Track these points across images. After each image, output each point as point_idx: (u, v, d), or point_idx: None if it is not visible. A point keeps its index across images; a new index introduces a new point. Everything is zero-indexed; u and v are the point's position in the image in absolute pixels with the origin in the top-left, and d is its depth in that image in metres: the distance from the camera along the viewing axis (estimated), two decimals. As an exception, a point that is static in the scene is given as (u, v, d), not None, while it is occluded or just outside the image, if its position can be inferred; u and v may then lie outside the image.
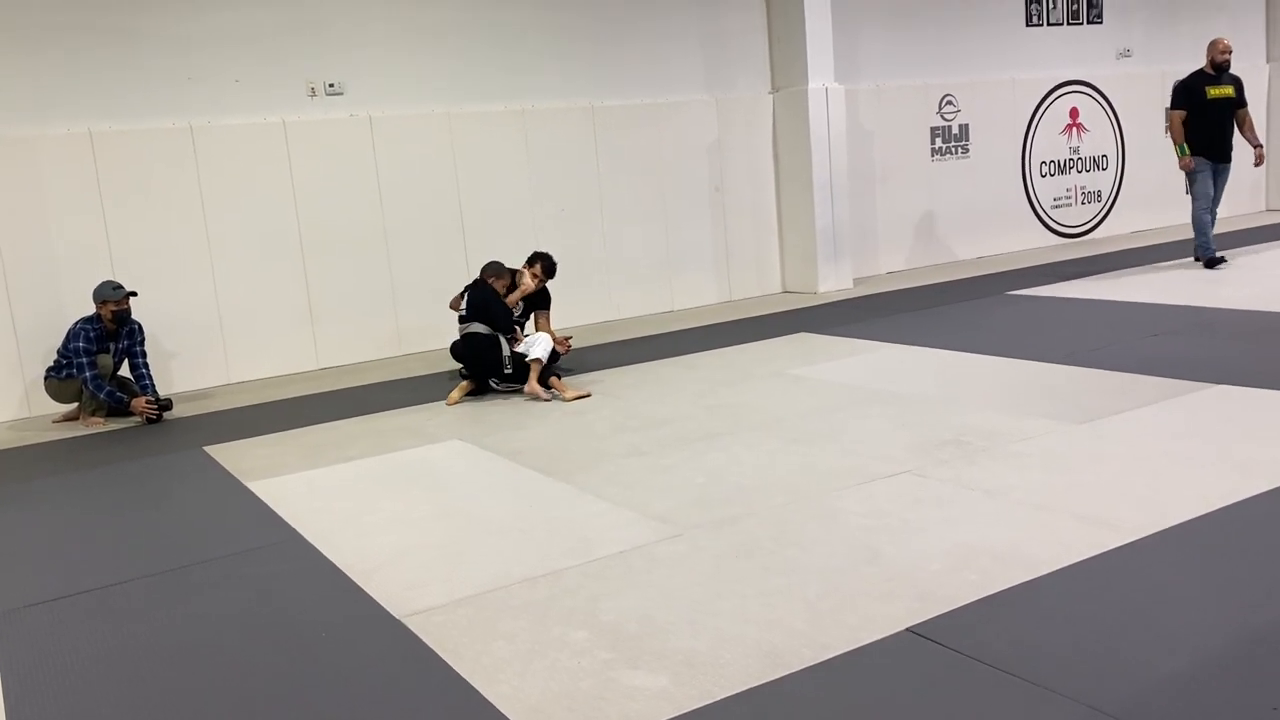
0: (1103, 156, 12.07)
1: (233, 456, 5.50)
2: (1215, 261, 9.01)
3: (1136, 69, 12.18)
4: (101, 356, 6.47)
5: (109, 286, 6.50)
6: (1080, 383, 5.58)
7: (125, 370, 6.73)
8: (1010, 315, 7.79)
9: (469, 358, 6.56)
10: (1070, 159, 11.77)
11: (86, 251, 7.03)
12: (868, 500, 4.03)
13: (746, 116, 9.58)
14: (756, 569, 3.46)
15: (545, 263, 6.94)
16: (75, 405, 6.65)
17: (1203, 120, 9.07)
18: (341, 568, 3.78)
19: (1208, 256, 9.08)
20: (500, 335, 6.49)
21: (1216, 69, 9.14)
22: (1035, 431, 4.75)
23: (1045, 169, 11.58)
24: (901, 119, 10.43)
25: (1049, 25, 11.50)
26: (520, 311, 6.86)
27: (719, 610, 3.17)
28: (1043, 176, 11.58)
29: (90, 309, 6.54)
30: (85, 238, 7.03)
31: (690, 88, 9.34)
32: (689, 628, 3.07)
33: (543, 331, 6.82)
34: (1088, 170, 11.95)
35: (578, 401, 6.10)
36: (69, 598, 3.72)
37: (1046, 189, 11.64)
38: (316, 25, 7.70)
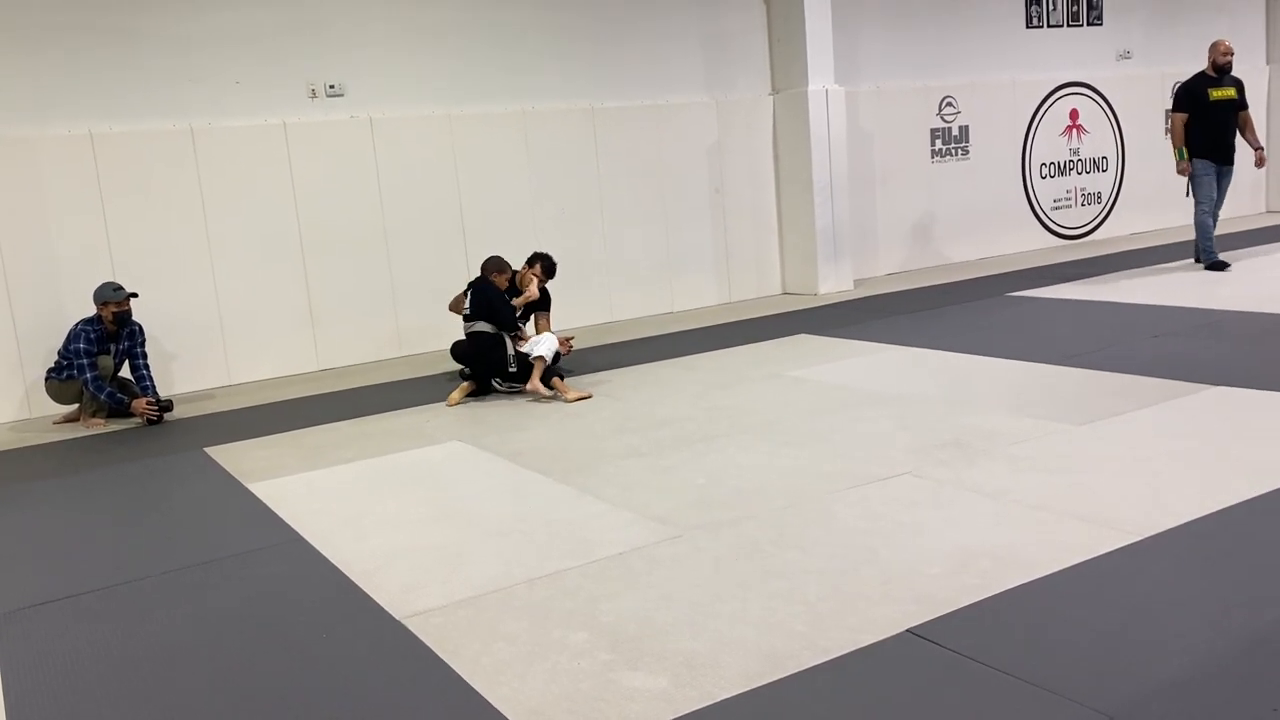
0: (1103, 158, 12.07)
1: (233, 458, 5.50)
2: (1218, 265, 9.00)
3: (1136, 70, 12.19)
4: (102, 358, 6.47)
5: (110, 288, 6.50)
6: (1080, 384, 5.58)
7: (126, 371, 6.74)
8: (1010, 317, 7.79)
9: (473, 356, 6.56)
10: (1070, 160, 11.78)
11: (87, 252, 7.03)
12: (867, 502, 4.03)
13: (747, 118, 9.59)
14: (756, 571, 3.46)
15: (545, 263, 6.94)
16: (76, 406, 6.65)
17: (1205, 123, 9.06)
18: (341, 569, 3.79)
19: (1210, 260, 9.07)
20: (505, 334, 6.50)
21: (1218, 71, 9.13)
22: (1035, 433, 4.75)
23: (1045, 170, 11.59)
24: (901, 120, 10.43)
25: (1049, 27, 11.50)
26: (520, 312, 6.86)
27: (719, 612, 3.17)
28: (1043, 178, 11.58)
29: (91, 310, 6.55)
30: (86, 239, 7.04)
31: (690, 89, 9.34)
32: (689, 629, 3.07)
33: (546, 333, 6.82)
34: (1088, 172, 11.95)
35: (578, 403, 6.11)
36: (69, 598, 3.72)
37: (1046, 190, 11.64)
38: (317, 26, 7.71)
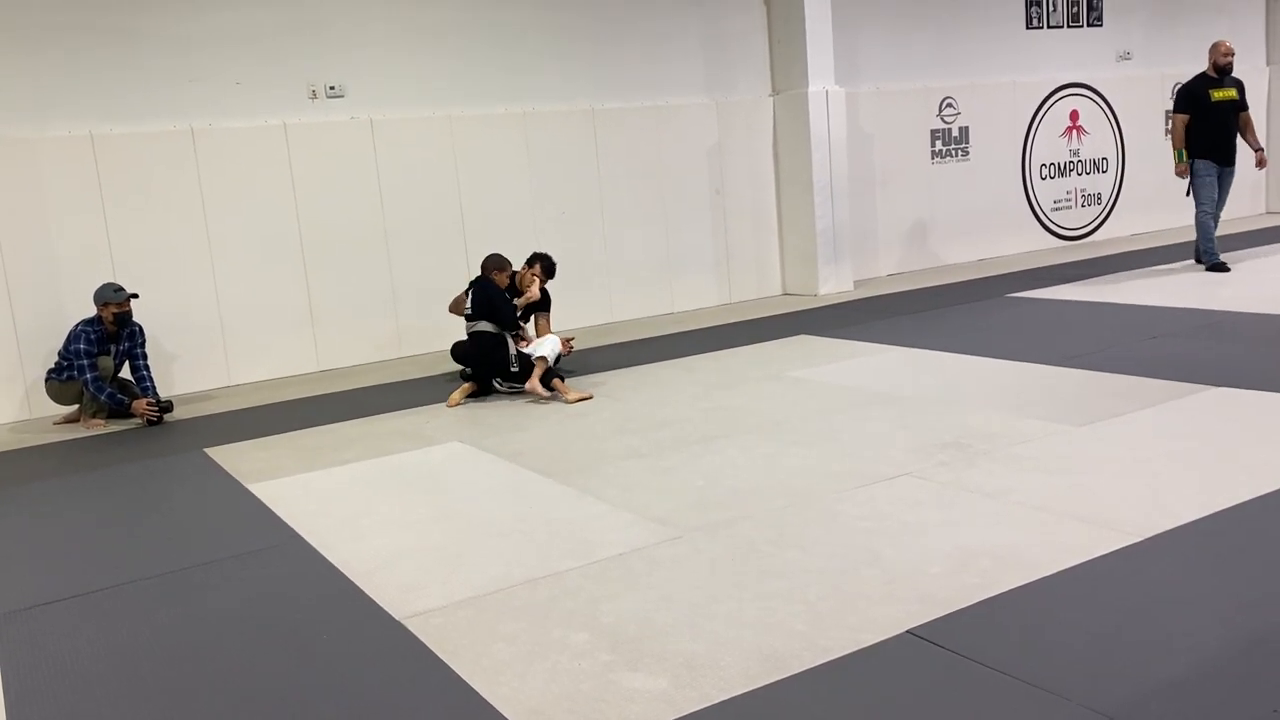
0: (1103, 159, 12.07)
1: (233, 458, 5.50)
2: (1219, 267, 9.00)
3: (1136, 72, 12.19)
4: (102, 358, 6.47)
5: (110, 289, 6.50)
6: (1081, 385, 5.58)
7: (126, 372, 6.74)
8: (1010, 318, 7.78)
9: (475, 356, 6.55)
10: (1070, 161, 11.78)
11: (87, 253, 7.04)
12: (868, 502, 4.03)
13: (747, 119, 9.59)
14: (756, 571, 3.46)
15: (545, 263, 6.93)
16: (76, 407, 6.65)
17: (1206, 124, 9.05)
18: (341, 569, 3.79)
19: (1211, 262, 9.06)
20: (507, 334, 6.50)
21: (1219, 71, 9.12)
22: (1035, 433, 4.75)
23: (1045, 171, 11.59)
24: (902, 122, 10.43)
25: (1049, 28, 11.50)
26: (520, 312, 6.85)
27: (719, 612, 3.17)
28: (1043, 179, 11.58)
29: (91, 311, 6.55)
30: (86, 239, 7.04)
31: (690, 90, 9.35)
32: (689, 630, 3.07)
33: (547, 334, 6.81)
34: (1088, 173, 11.95)
35: (578, 404, 6.10)
36: (69, 599, 3.72)
37: (1046, 191, 11.64)
38: (317, 27, 7.71)
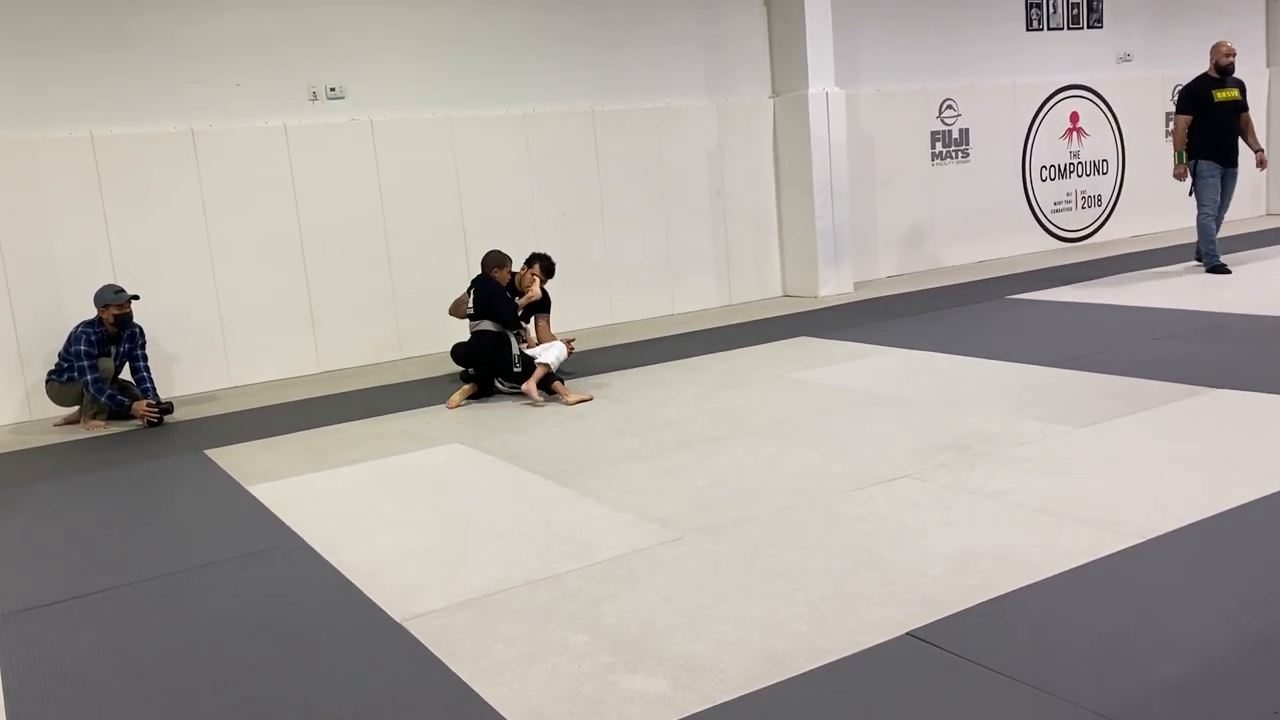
0: (1103, 161, 12.07)
1: (233, 460, 5.50)
2: (1219, 269, 8.99)
3: (1136, 73, 12.19)
4: (103, 360, 6.47)
5: (111, 290, 6.50)
6: (1081, 386, 5.58)
7: (126, 373, 6.74)
8: (1011, 319, 7.78)
9: (478, 355, 6.54)
10: (1070, 163, 11.78)
11: (88, 255, 7.04)
12: (868, 504, 4.03)
13: (747, 121, 9.59)
14: (757, 573, 3.46)
15: (544, 263, 6.92)
16: (76, 409, 6.65)
17: (1209, 125, 9.03)
18: (342, 571, 3.78)
19: (1212, 264, 9.05)
20: (509, 333, 6.49)
21: (1221, 72, 9.10)
22: (1036, 435, 4.75)
23: (1045, 173, 11.59)
24: (902, 123, 10.43)
25: (1049, 30, 11.50)
26: (521, 312, 6.84)
27: (719, 614, 3.17)
28: (1043, 181, 11.59)
29: (91, 312, 6.55)
30: (86, 241, 7.03)
31: (691, 92, 9.35)
32: (689, 631, 3.07)
33: (549, 338, 6.81)
34: (1088, 174, 11.96)
35: (579, 405, 6.10)
36: (70, 600, 3.72)
37: (1047, 193, 11.64)
38: (317, 29, 7.72)
